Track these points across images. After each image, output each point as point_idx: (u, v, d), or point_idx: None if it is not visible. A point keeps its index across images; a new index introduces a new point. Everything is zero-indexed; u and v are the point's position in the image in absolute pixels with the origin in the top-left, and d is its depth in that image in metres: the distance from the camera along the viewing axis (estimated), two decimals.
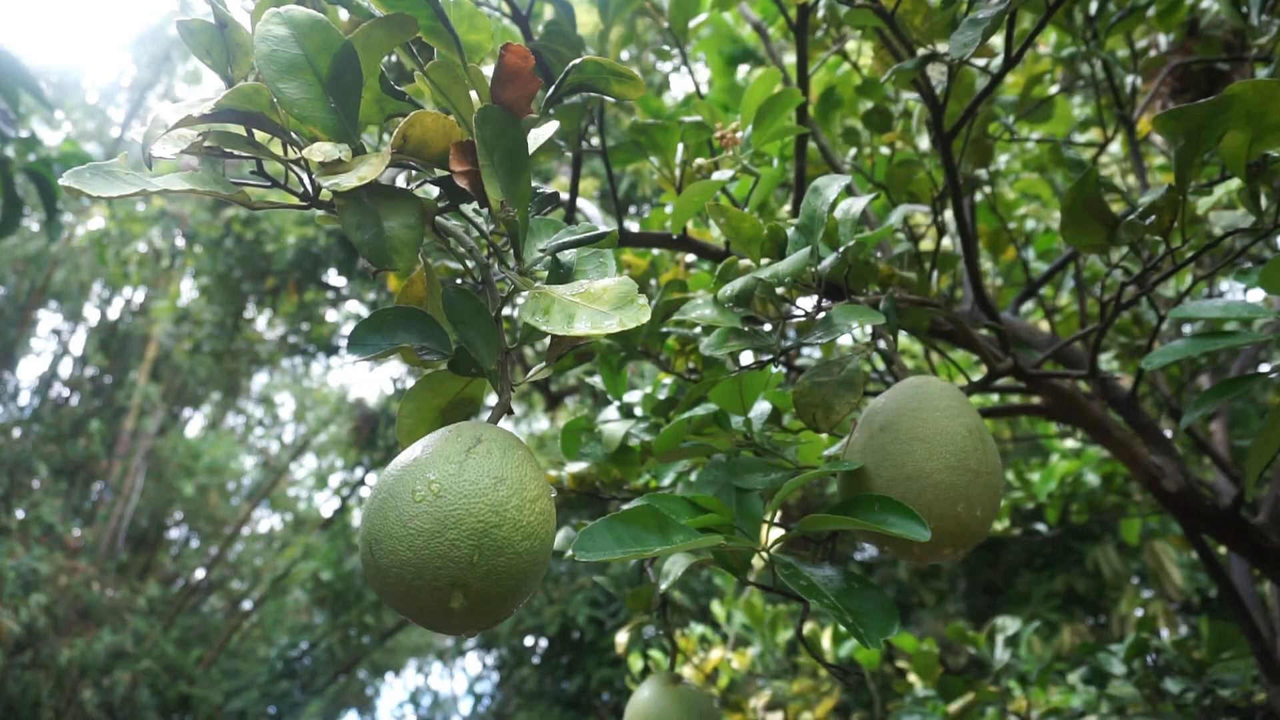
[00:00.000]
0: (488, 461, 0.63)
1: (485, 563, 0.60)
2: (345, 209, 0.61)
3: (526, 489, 0.64)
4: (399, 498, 0.61)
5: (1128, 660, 2.39)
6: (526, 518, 0.63)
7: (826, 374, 0.98)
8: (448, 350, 0.71)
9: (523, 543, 0.62)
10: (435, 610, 0.60)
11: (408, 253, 0.62)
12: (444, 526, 0.59)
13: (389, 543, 0.60)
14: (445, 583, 0.60)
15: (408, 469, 0.63)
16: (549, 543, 0.65)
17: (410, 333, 0.70)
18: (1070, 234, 1.02)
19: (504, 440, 0.66)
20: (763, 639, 2.82)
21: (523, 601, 0.65)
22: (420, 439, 0.65)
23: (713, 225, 1.75)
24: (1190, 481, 1.39)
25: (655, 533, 0.87)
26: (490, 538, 0.60)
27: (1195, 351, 1.04)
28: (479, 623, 0.62)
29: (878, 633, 0.82)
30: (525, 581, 0.63)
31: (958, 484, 0.86)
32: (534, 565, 0.63)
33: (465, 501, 0.60)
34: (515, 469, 0.64)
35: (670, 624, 1.33)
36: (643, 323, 0.59)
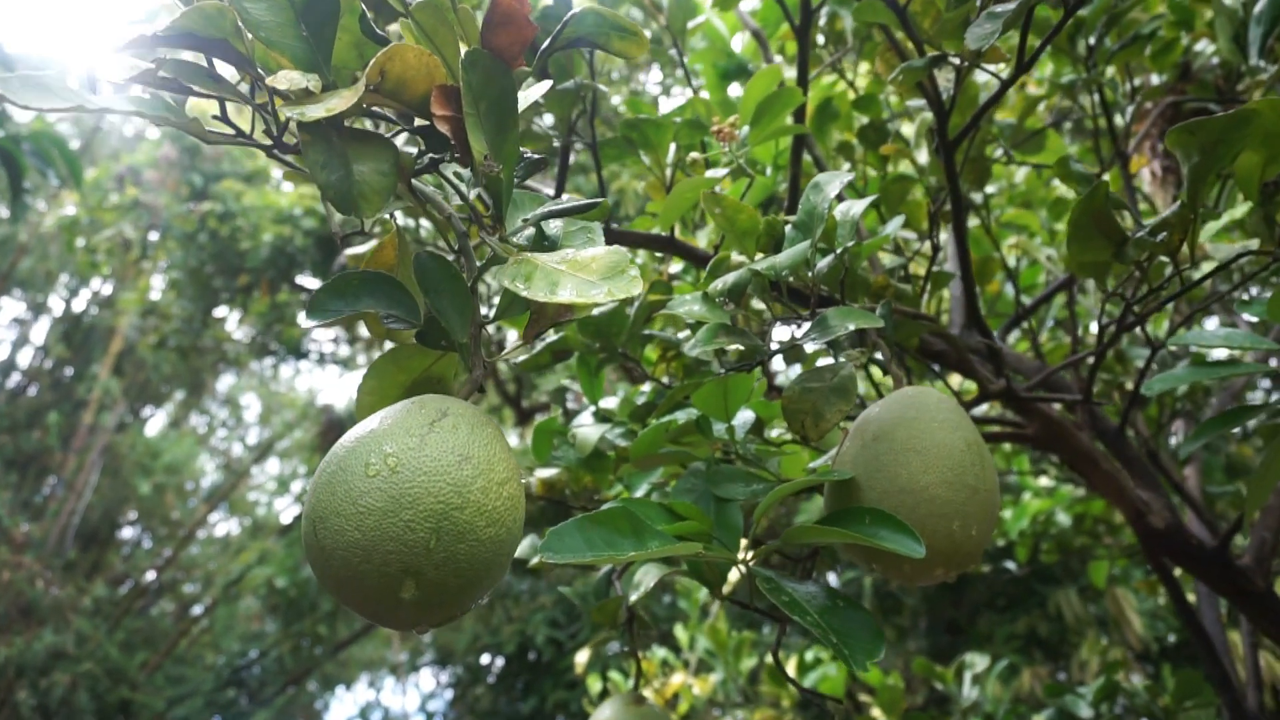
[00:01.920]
0: (453, 437, 0.57)
1: (443, 549, 0.53)
2: (310, 145, 0.55)
3: (494, 470, 0.57)
4: (350, 471, 0.55)
5: (1095, 703, 2.35)
6: (493, 501, 0.56)
7: (818, 380, 0.92)
8: (416, 319, 0.65)
9: (487, 529, 0.55)
10: (383, 600, 0.54)
11: (377, 200, 0.56)
12: (399, 505, 0.53)
13: (335, 521, 0.54)
14: (396, 569, 0.53)
15: (362, 440, 0.56)
16: (516, 532, 0.59)
17: (376, 298, 0.64)
18: (1075, 249, 0.98)
19: (473, 416, 0.60)
20: (726, 665, 2.75)
21: (482, 596, 0.58)
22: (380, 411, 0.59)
23: (699, 234, 1.71)
24: (1177, 519, 1.36)
25: (629, 536, 0.81)
26: (450, 521, 0.54)
27: (1196, 379, 1.00)
28: (431, 617, 0.56)
29: (864, 655, 0.77)
30: (487, 573, 0.57)
31: (954, 500, 0.81)
32: (498, 555, 0.57)
33: (424, 479, 0.54)
34: (483, 448, 0.57)
35: (636, 641, 1.26)
36: (634, 294, 0.54)
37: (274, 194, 8.40)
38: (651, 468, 1.11)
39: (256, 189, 8.64)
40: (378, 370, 0.70)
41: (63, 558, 11.93)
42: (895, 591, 8.12)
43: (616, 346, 1.30)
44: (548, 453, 1.29)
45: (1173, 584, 2.02)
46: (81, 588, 11.21)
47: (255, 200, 8.48)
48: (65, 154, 4.14)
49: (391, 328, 0.63)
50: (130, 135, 13.98)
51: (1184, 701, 2.35)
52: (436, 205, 0.69)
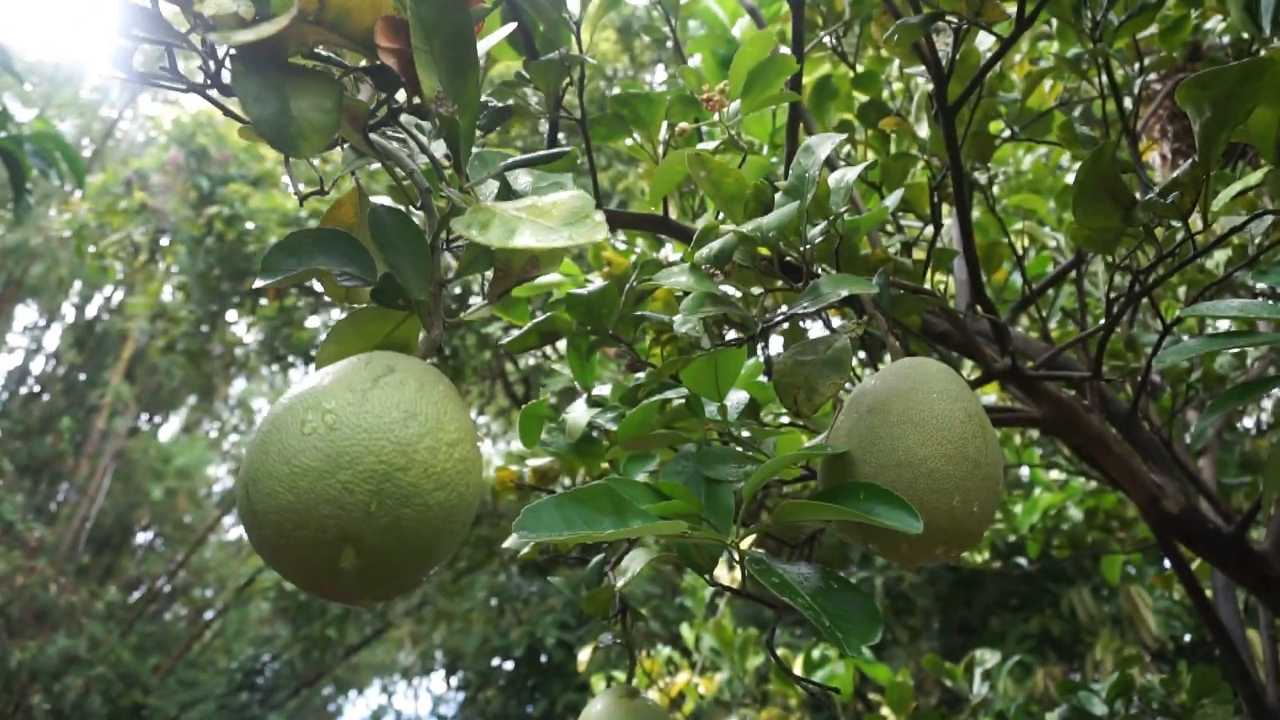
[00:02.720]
0: (398, 394, 0.52)
1: (385, 513, 0.49)
2: (243, 77, 0.51)
3: (444, 430, 0.53)
4: (285, 430, 0.50)
5: (1110, 700, 2.29)
6: (441, 463, 0.52)
7: (811, 352, 0.88)
8: (372, 277, 0.61)
9: (435, 493, 0.51)
10: (320, 569, 0.49)
11: (316, 139, 0.52)
12: (335, 466, 0.49)
13: (268, 483, 0.49)
14: (334, 535, 0.49)
15: (301, 397, 0.52)
16: (469, 498, 0.54)
17: (330, 256, 0.60)
18: (1082, 214, 0.93)
19: (423, 373, 0.55)
20: (732, 664, 2.70)
21: (434, 568, 0.54)
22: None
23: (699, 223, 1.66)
24: (1193, 503, 1.30)
25: (610, 515, 0.77)
26: (393, 483, 0.49)
27: (1211, 349, 0.95)
28: (376, 589, 0.51)
29: (858, 638, 0.72)
30: (437, 542, 0.52)
31: (954, 474, 0.76)
32: (448, 522, 0.52)
33: (365, 437, 0.50)
34: (432, 405, 0.53)
35: (630, 631, 1.22)
36: (597, 240, 0.49)
37: (281, 197, 8.40)
38: (640, 450, 1.07)
39: (263, 192, 8.64)
40: (337, 335, 0.66)
41: (75, 562, 11.98)
42: (907, 592, 8.05)
43: (607, 328, 1.25)
44: (537, 438, 1.25)
45: (1189, 577, 1.96)
46: (94, 592, 11.25)
47: (262, 204, 8.49)
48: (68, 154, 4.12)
49: (345, 285, 0.59)
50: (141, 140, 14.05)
51: (1201, 699, 2.29)
52: (399, 161, 0.65)
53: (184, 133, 9.00)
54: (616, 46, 9.18)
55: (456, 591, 10.06)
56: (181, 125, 9.06)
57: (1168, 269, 0.99)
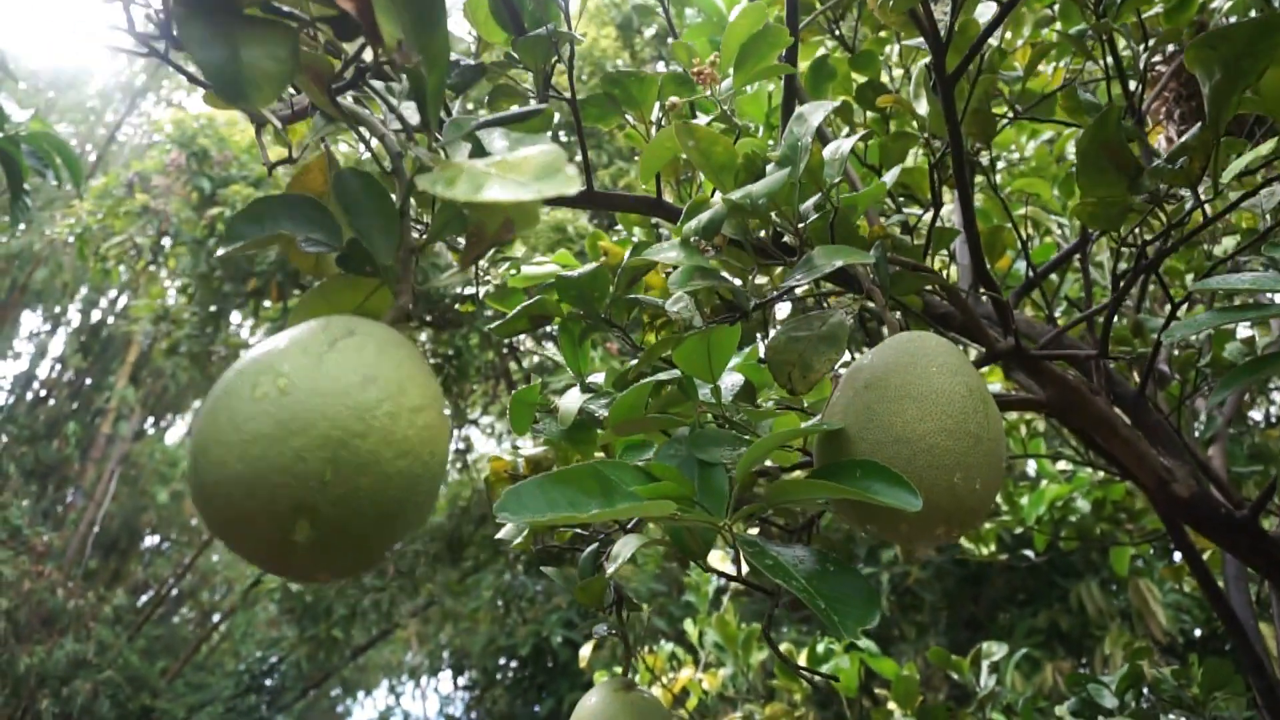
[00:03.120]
0: (357, 356, 0.49)
1: (341, 483, 0.46)
2: (189, 21, 0.48)
3: (406, 395, 0.50)
4: (235, 395, 0.47)
5: (1120, 693, 2.25)
6: (403, 429, 0.49)
7: (806, 328, 0.85)
8: (338, 243, 0.58)
9: (396, 461, 0.48)
10: (273, 542, 0.46)
11: (268, 89, 0.49)
12: (288, 431, 0.45)
13: (216, 451, 0.46)
14: (286, 505, 0.45)
15: (253, 362, 0.49)
16: (435, 469, 0.51)
17: (295, 221, 0.57)
18: (1086, 183, 0.90)
19: (385, 336, 0.52)
20: (735, 659, 2.67)
21: (397, 542, 0.51)
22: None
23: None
24: (1203, 487, 1.27)
25: (596, 497, 0.74)
26: (350, 450, 0.46)
27: (1220, 323, 0.91)
28: (333, 563, 0.48)
29: (855, 621, 0.69)
30: (398, 513, 0.49)
31: (955, 450, 0.73)
32: (410, 493, 0.49)
33: (319, 401, 0.46)
34: (393, 369, 0.50)
35: (626, 622, 1.19)
36: (570, 192, 0.46)
37: None
38: (632, 433, 1.04)
39: (265, 193, 8.64)
40: (305, 306, 0.63)
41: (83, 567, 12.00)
42: (914, 588, 8.00)
43: (599, 312, 1.22)
44: (528, 424, 1.22)
45: (1200, 567, 1.92)
46: (102, 596, 11.26)
47: None
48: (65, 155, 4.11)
49: (310, 251, 0.56)
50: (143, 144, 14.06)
51: (1213, 692, 2.25)
52: (368, 125, 0.62)
53: (185, 134, 9.00)
54: (617, 44, 9.15)
55: (462, 591, 10.04)
56: (182, 127, 9.06)
57: (1177, 239, 0.95)
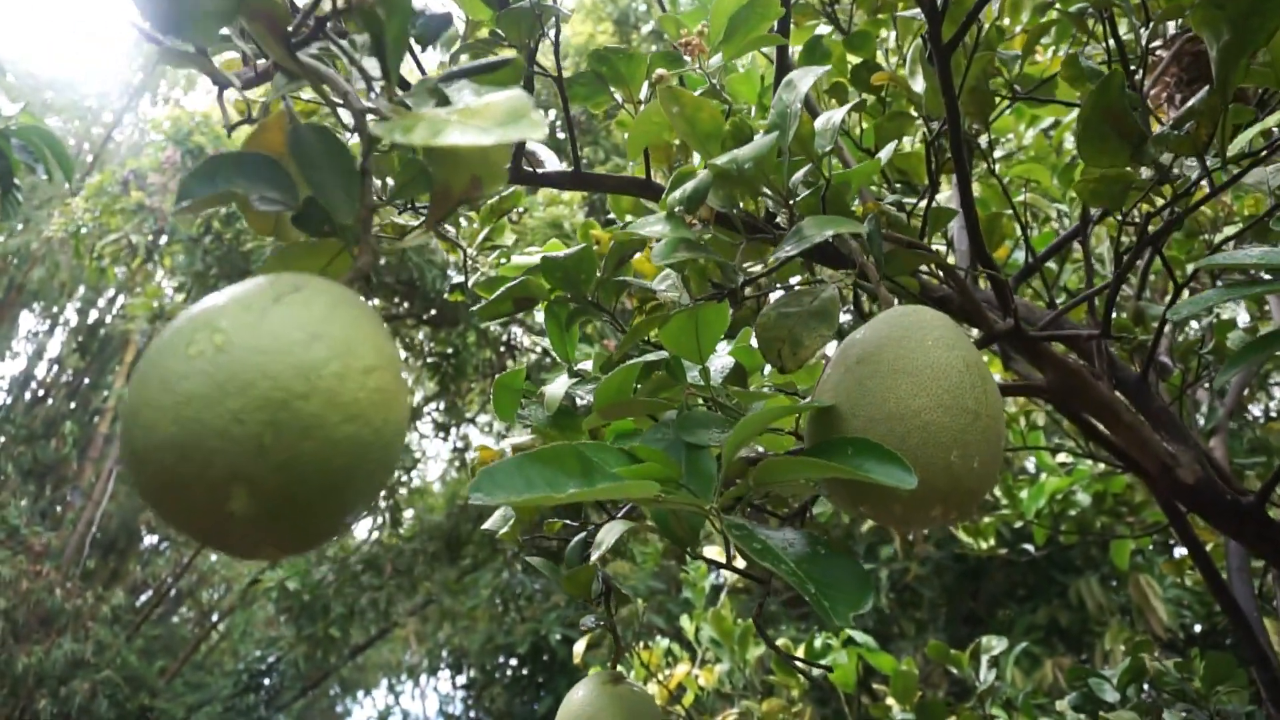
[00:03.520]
0: (304, 313, 0.45)
1: (283, 448, 0.42)
2: None
3: (356, 355, 0.46)
4: (169, 354, 0.43)
5: (1122, 686, 2.22)
6: (351, 392, 0.45)
7: (796, 304, 0.81)
8: (294, 202, 0.54)
9: (342, 425, 0.44)
10: (209, 513, 0.42)
11: (210, 23, 0.45)
12: (223, 392, 0.42)
13: (147, 414, 0.42)
14: (222, 472, 0.41)
15: (191, 319, 0.45)
16: (388, 436, 0.47)
17: (249, 179, 0.54)
18: (1088, 152, 0.86)
19: (336, 293, 0.48)
20: (732, 655, 2.63)
21: (351, 516, 0.47)
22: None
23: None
24: (1209, 472, 1.23)
25: (576, 477, 0.70)
26: (291, 412, 0.42)
27: (1228, 298, 0.88)
28: (276, 538, 0.44)
29: (847, 606, 0.65)
30: (347, 483, 0.45)
31: (951, 426, 0.70)
32: (361, 461, 0.45)
33: (259, 360, 0.42)
34: (343, 327, 0.46)
35: (614, 613, 1.15)
36: (535, 136, 0.43)
37: None
38: (619, 417, 1.00)
39: None
40: (264, 271, 0.60)
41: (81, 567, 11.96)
42: (913, 585, 7.97)
43: (586, 294, 1.19)
44: (512, 410, 1.18)
45: (1203, 557, 1.89)
46: (100, 596, 11.23)
47: None
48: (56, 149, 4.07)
49: (265, 209, 0.53)
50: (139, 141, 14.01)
51: (1215, 685, 2.22)
52: (331, 82, 0.59)
53: (180, 132, 8.96)
54: (614, 39, 9.11)
55: (461, 590, 10.02)
56: (178, 124, 9.02)
57: (1183, 208, 0.92)
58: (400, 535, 10.79)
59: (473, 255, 1.89)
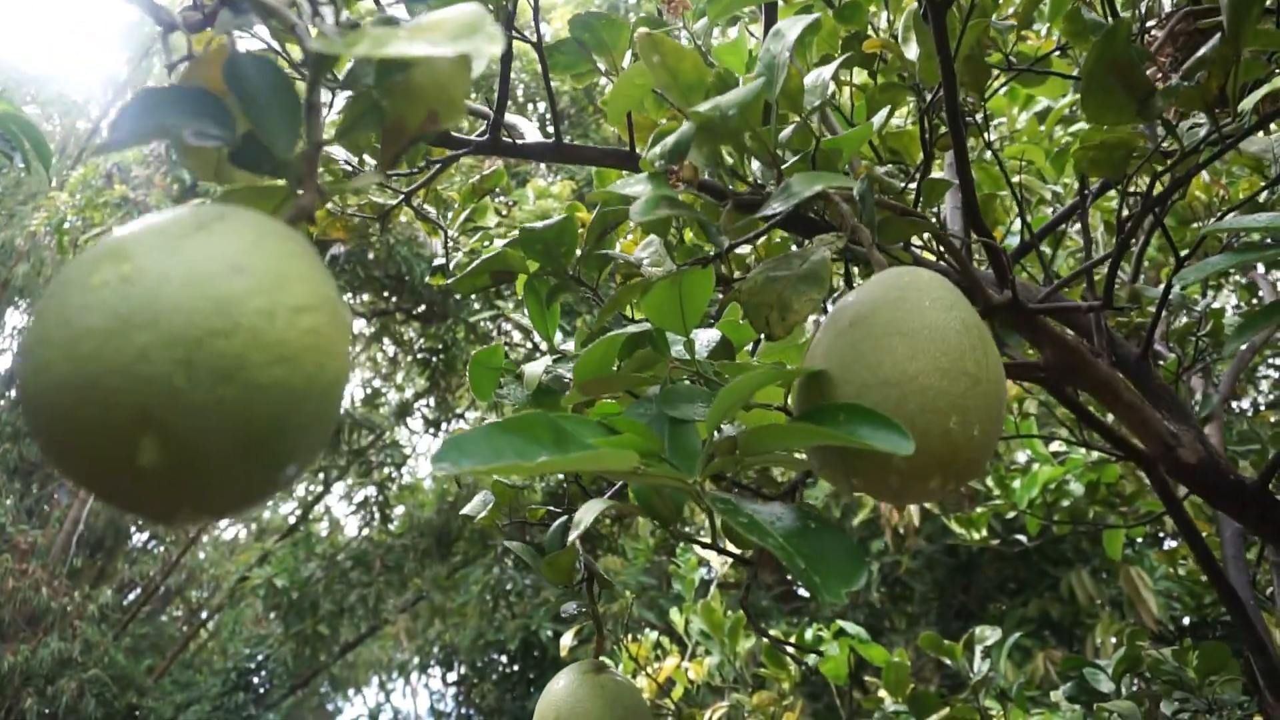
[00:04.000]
0: (226, 242, 0.40)
1: (198, 391, 0.37)
2: None
3: (287, 291, 0.40)
4: (70, 286, 0.38)
5: (1117, 676, 2.19)
6: (280, 331, 0.39)
7: (785, 268, 0.77)
8: (232, 136, 0.49)
9: (270, 368, 0.38)
10: (113, 465, 0.37)
11: None
12: (129, 325, 0.36)
13: (42, 352, 0.37)
14: (126, 416, 0.36)
15: (99, 249, 0.39)
16: (325, 385, 0.42)
17: (184, 114, 0.49)
18: (1091, 107, 0.82)
19: (268, 225, 0.43)
20: (722, 646, 2.59)
21: (282, 476, 0.42)
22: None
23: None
24: (1211, 453, 1.19)
25: (549, 448, 0.65)
26: (208, 351, 0.37)
27: (1237, 263, 0.84)
28: (196, 498, 0.39)
29: (839, 581, 0.61)
30: (275, 437, 0.40)
31: (950, 391, 0.65)
32: (291, 412, 0.39)
33: (172, 291, 0.37)
34: (272, 260, 0.41)
35: (596, 600, 1.11)
36: (493, 50, 0.38)
37: None
38: (600, 393, 0.95)
39: None
40: None
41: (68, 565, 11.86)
42: (904, 578, 7.96)
43: (567, 269, 1.14)
44: (490, 390, 1.14)
45: (1199, 544, 1.85)
46: (87, 594, 11.14)
47: None
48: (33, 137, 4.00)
49: (197, 144, 0.48)
50: None
51: (1209, 676, 2.19)
52: (279, 15, 0.54)
53: None
54: None
55: (451, 586, 9.97)
56: None
57: (1188, 169, 0.88)
58: (390, 532, 10.73)
59: (454, 237, 1.84)
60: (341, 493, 12.32)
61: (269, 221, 0.44)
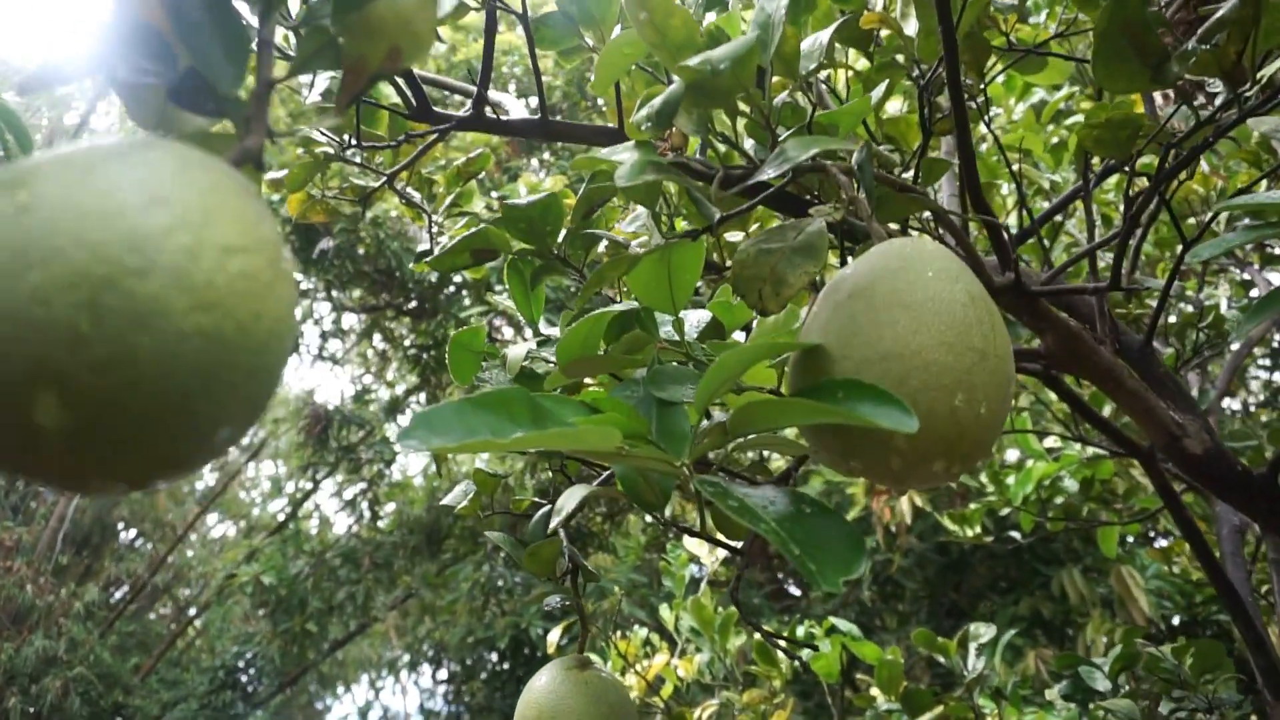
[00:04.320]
0: (144, 172, 0.35)
1: (108, 339, 0.31)
2: None
3: (215, 229, 0.35)
4: None
5: (1114, 674, 2.15)
6: (206, 274, 0.34)
7: (778, 239, 0.72)
8: (172, 73, 0.45)
9: (194, 315, 0.33)
10: (6, 426, 0.32)
11: None
12: (23, 262, 0.31)
13: None
14: (20, 369, 0.31)
15: (7, 173, 0.34)
16: (262, 338, 0.36)
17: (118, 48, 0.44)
18: (1103, 72, 0.78)
19: (196, 157, 0.38)
20: (712, 643, 2.55)
21: (210, 441, 0.37)
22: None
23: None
24: (1218, 443, 1.15)
25: (525, 424, 0.61)
26: (121, 294, 0.32)
27: (1251, 239, 0.80)
28: (105, 464, 0.34)
29: (836, 569, 0.56)
30: (202, 392, 0.34)
31: (956, 367, 0.61)
32: (220, 364, 0.35)
33: (74, 224, 0.32)
34: (199, 194, 0.35)
35: (581, 594, 1.06)
36: None
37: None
38: (585, 375, 0.91)
39: None
40: None
41: (53, 562, 11.76)
42: (895, 577, 7.94)
43: (552, 248, 1.09)
44: (470, 374, 1.09)
45: (1198, 540, 1.82)
46: (73, 592, 11.04)
47: None
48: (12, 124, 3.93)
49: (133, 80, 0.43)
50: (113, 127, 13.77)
51: (1204, 674, 2.16)
52: None
53: None
54: None
55: (441, 584, 9.91)
56: None
57: (1204, 138, 0.83)
58: (380, 529, 10.67)
59: (439, 222, 1.79)
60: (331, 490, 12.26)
61: (201, 154, 0.39)
